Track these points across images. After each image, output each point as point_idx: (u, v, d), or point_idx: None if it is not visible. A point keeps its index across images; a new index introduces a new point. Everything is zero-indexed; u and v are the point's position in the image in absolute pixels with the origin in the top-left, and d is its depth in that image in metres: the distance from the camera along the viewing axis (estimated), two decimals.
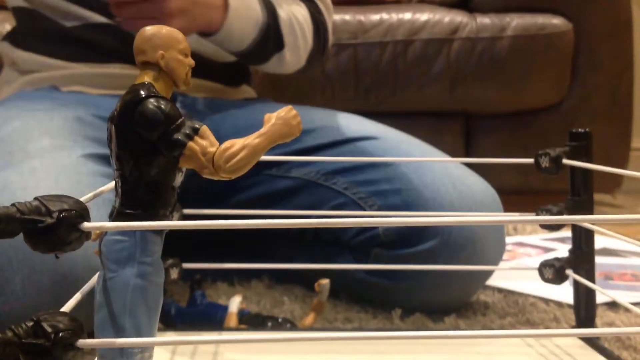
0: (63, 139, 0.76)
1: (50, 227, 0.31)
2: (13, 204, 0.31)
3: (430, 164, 0.84)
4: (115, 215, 0.37)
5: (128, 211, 0.37)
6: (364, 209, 0.83)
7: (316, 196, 0.87)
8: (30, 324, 0.29)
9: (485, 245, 0.79)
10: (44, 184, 0.67)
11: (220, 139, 0.36)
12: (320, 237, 0.89)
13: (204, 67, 0.93)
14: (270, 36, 0.91)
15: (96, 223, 0.32)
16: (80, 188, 0.65)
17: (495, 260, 0.83)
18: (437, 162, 0.85)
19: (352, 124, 0.92)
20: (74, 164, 0.72)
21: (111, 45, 0.90)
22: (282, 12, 0.93)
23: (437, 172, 0.82)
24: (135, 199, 0.37)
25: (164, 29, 0.38)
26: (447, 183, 0.81)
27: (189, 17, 0.80)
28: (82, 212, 0.32)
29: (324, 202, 0.86)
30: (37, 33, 0.93)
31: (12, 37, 0.96)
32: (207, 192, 0.81)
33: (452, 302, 0.82)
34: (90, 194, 0.41)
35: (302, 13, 0.97)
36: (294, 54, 0.96)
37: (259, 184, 0.90)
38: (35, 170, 0.69)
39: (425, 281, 0.79)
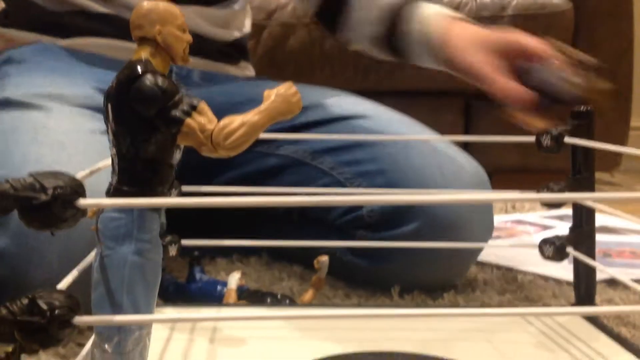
0: (80, 116, 0.75)
1: (45, 204, 0.30)
2: (7, 180, 0.30)
3: (419, 145, 0.82)
4: (112, 193, 0.37)
5: (125, 188, 0.36)
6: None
7: (303, 175, 0.87)
8: (26, 301, 0.29)
9: (471, 228, 0.79)
10: (76, 158, 0.66)
11: (216, 113, 0.35)
12: (306, 216, 0.89)
13: (201, 46, 0.93)
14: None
15: (92, 200, 0.32)
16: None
17: (482, 241, 0.82)
18: (427, 143, 0.83)
19: (344, 102, 0.92)
20: (99, 141, 0.71)
21: (107, 30, 0.89)
22: None
23: (424, 153, 0.81)
24: (132, 176, 0.36)
25: (161, 4, 0.37)
26: (433, 165, 0.80)
27: None
28: (78, 189, 0.31)
29: (311, 181, 0.86)
30: (28, 18, 0.92)
31: (2, 21, 0.95)
32: (196, 170, 0.81)
33: (438, 284, 0.81)
34: (87, 171, 0.40)
35: None
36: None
37: (248, 162, 0.89)
38: (64, 145, 0.68)
39: (410, 263, 0.78)
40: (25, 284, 0.61)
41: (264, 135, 0.40)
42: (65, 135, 0.70)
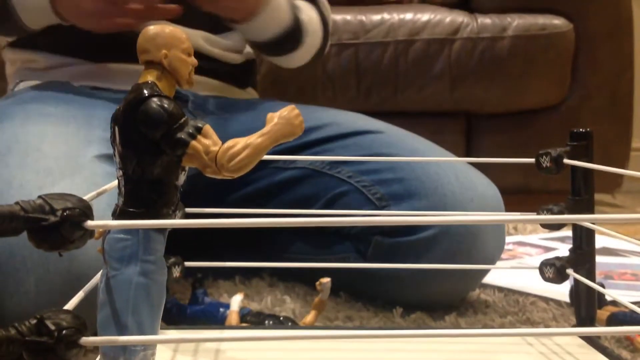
0: (78, 141, 0.76)
1: (54, 225, 0.31)
2: (17, 202, 0.31)
3: (433, 156, 0.85)
4: (118, 214, 0.37)
5: (131, 210, 0.37)
6: (367, 197, 0.84)
7: (320, 185, 0.89)
8: (34, 321, 0.29)
9: (485, 237, 0.80)
10: (61, 184, 0.67)
11: (229, 139, 0.36)
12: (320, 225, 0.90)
13: (213, 68, 0.96)
14: (289, 39, 0.98)
15: (100, 221, 0.32)
16: (97, 189, 0.66)
17: (495, 253, 0.83)
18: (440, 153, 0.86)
19: (358, 120, 0.95)
20: (89, 165, 0.72)
21: (128, 54, 0.91)
22: (304, 16, 0.99)
23: (440, 163, 0.84)
24: (138, 198, 0.37)
25: (167, 29, 0.38)
26: (450, 174, 0.82)
27: None
28: (86, 211, 0.32)
29: (328, 190, 0.87)
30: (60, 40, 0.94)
31: (26, 41, 0.96)
32: (215, 186, 0.82)
33: (452, 294, 0.82)
34: (94, 193, 0.41)
35: (314, 15, 1.03)
36: (306, 53, 1.03)
37: (265, 177, 0.91)
38: (51, 170, 0.69)
39: (425, 271, 0.79)
40: (1, 313, 0.60)
41: (269, 157, 0.40)
42: (55, 160, 0.70)
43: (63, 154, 0.72)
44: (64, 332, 0.29)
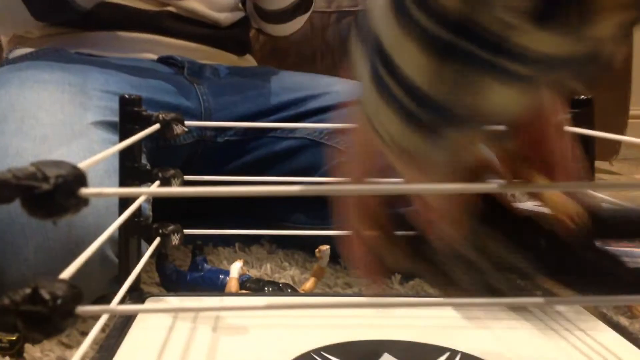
0: (74, 108, 0.75)
1: (47, 193, 0.30)
2: (9, 170, 0.30)
3: None
4: None
5: None
6: None
7: (319, 155, 0.89)
8: (28, 290, 0.29)
9: None
10: (57, 151, 0.67)
11: (225, 105, 0.35)
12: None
13: (210, 34, 0.95)
14: (303, 3, 1.01)
15: (94, 189, 0.32)
16: (93, 156, 0.65)
17: None
18: None
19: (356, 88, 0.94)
20: (85, 132, 0.71)
21: (123, 22, 0.90)
22: None
23: None
24: None
25: None
26: None
27: None
28: (80, 178, 0.31)
29: (327, 160, 0.87)
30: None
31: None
32: (214, 156, 0.82)
33: None
34: (90, 160, 0.40)
35: None
36: (307, 17, 1.06)
37: (264, 146, 0.90)
38: (47, 137, 0.68)
39: None
40: (1, 280, 0.60)
41: (271, 125, 0.40)
42: (51, 127, 0.70)
43: (59, 121, 0.72)
44: (58, 301, 0.28)
